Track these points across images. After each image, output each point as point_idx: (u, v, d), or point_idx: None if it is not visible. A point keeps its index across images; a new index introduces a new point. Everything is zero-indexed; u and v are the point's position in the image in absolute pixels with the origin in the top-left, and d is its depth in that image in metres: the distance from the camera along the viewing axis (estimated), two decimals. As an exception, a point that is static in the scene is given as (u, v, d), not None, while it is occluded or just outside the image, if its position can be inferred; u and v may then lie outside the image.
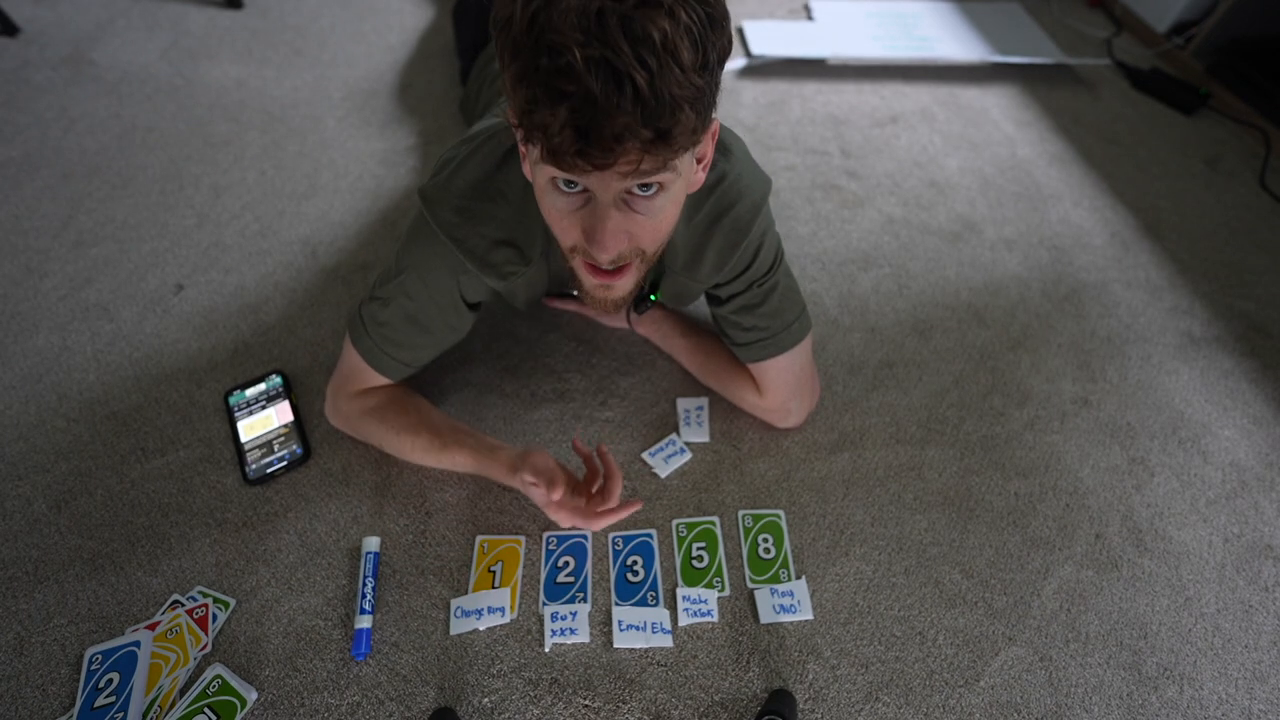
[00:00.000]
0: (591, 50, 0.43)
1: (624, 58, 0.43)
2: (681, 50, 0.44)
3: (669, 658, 0.71)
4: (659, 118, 0.45)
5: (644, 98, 0.44)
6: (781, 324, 0.77)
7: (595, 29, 0.43)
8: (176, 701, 0.66)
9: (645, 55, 0.43)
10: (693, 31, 0.45)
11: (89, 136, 1.24)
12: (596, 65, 0.43)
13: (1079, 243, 1.17)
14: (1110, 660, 0.72)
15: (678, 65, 0.44)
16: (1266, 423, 0.93)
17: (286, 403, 0.87)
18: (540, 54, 0.44)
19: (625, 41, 0.43)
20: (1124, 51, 1.61)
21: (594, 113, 0.44)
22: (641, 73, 0.43)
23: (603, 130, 0.45)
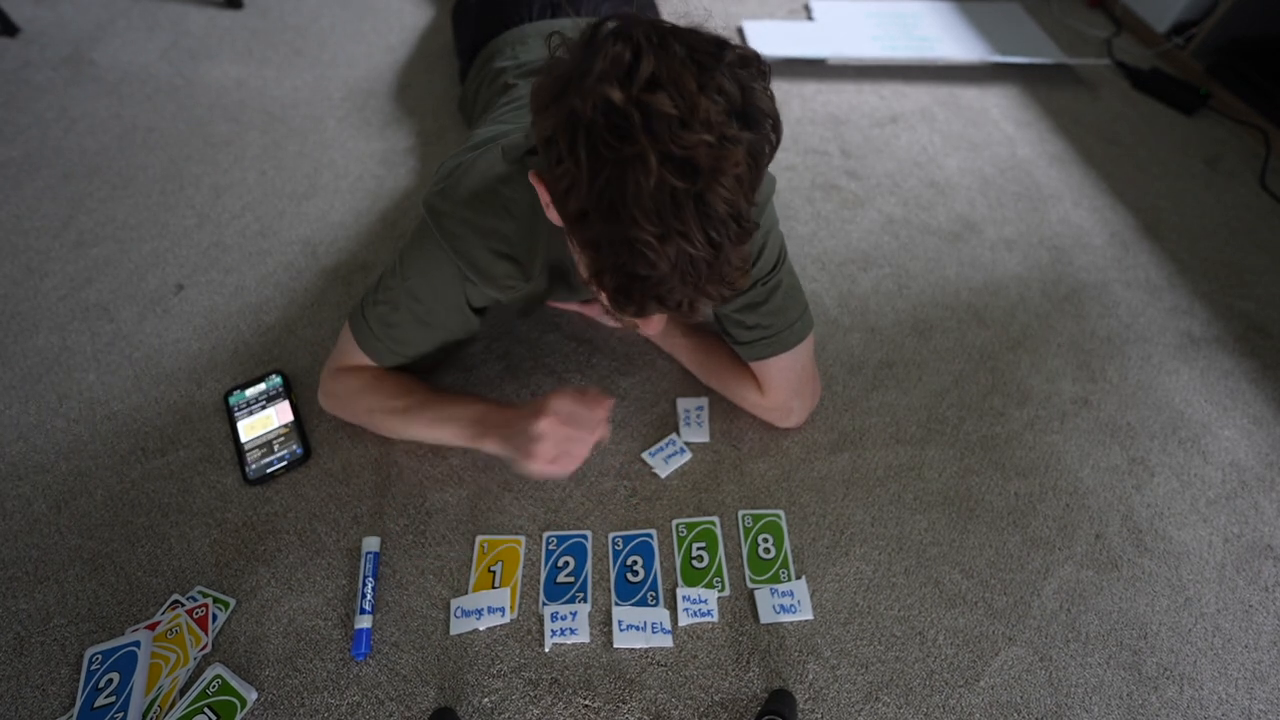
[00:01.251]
0: (670, 245, 0.45)
1: (696, 243, 0.45)
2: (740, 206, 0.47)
3: (669, 658, 0.71)
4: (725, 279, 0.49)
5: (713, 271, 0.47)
6: (784, 322, 0.76)
7: (673, 218, 0.45)
8: (176, 701, 0.66)
9: (711, 232, 0.46)
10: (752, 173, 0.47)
11: (89, 137, 1.24)
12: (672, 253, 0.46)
13: (1079, 243, 1.17)
14: (1110, 660, 0.72)
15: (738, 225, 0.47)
16: (1266, 423, 0.93)
17: (286, 403, 0.87)
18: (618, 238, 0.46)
19: (697, 224, 0.45)
20: (1124, 51, 1.61)
21: (670, 289, 0.48)
22: (707, 250, 0.46)
23: (678, 301, 0.49)
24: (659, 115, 0.43)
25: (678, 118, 0.43)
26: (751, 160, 0.46)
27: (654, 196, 0.44)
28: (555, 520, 0.80)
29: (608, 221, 0.45)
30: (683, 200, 0.44)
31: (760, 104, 0.47)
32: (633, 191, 0.44)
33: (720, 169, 0.44)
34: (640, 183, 0.43)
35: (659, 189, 0.43)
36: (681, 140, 0.43)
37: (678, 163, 0.44)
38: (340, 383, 0.80)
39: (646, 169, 0.43)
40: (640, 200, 0.44)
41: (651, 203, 0.44)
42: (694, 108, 0.43)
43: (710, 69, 0.45)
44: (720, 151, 0.44)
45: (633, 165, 0.43)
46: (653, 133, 0.43)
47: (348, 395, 0.80)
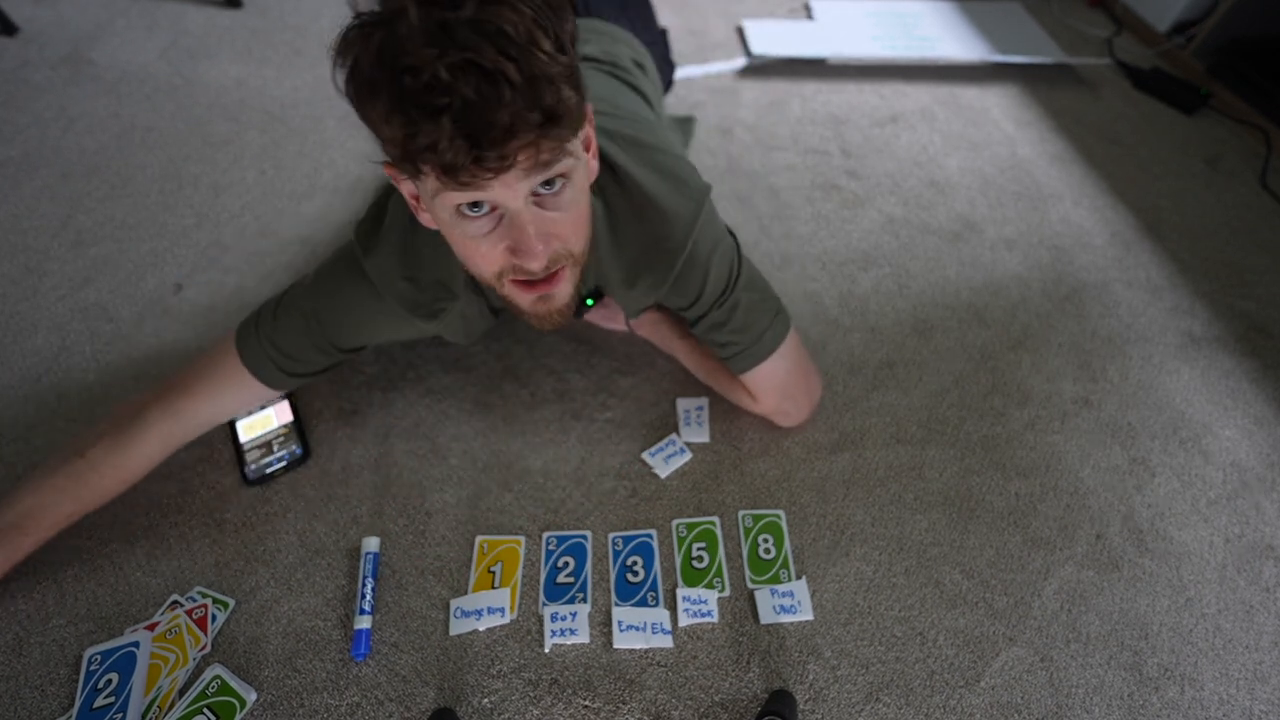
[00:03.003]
0: (452, 57, 0.42)
1: (487, 54, 0.43)
2: (538, 36, 0.44)
3: (669, 658, 0.71)
4: (541, 98, 0.45)
5: (520, 85, 0.44)
6: (753, 336, 0.75)
7: (447, 38, 0.42)
8: (176, 702, 0.65)
9: (506, 47, 0.43)
10: (539, 19, 0.45)
11: (88, 136, 1.23)
12: (462, 70, 0.42)
13: (1080, 242, 1.16)
14: (1111, 661, 0.72)
15: (539, 50, 0.44)
16: (1268, 423, 0.93)
17: (286, 403, 0.87)
18: (401, 77, 0.43)
19: (483, 40, 0.43)
20: (1125, 51, 1.60)
21: (477, 113, 0.43)
22: (509, 63, 0.43)
23: (492, 128, 0.44)
24: None
25: None
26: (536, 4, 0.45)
27: (423, 31, 0.43)
28: (555, 520, 0.80)
29: (393, 77, 0.44)
30: (454, 25, 0.43)
31: None
32: (404, 35, 0.43)
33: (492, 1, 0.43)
34: (410, 24, 0.43)
35: (425, 21, 0.43)
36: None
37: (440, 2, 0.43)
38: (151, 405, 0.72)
39: (408, 16, 0.43)
40: (412, 37, 0.43)
41: (422, 36, 0.43)
42: None
43: None
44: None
45: (398, 19, 0.43)
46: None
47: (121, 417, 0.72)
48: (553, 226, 0.55)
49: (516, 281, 0.59)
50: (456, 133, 0.44)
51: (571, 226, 0.57)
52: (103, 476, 0.71)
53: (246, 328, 0.73)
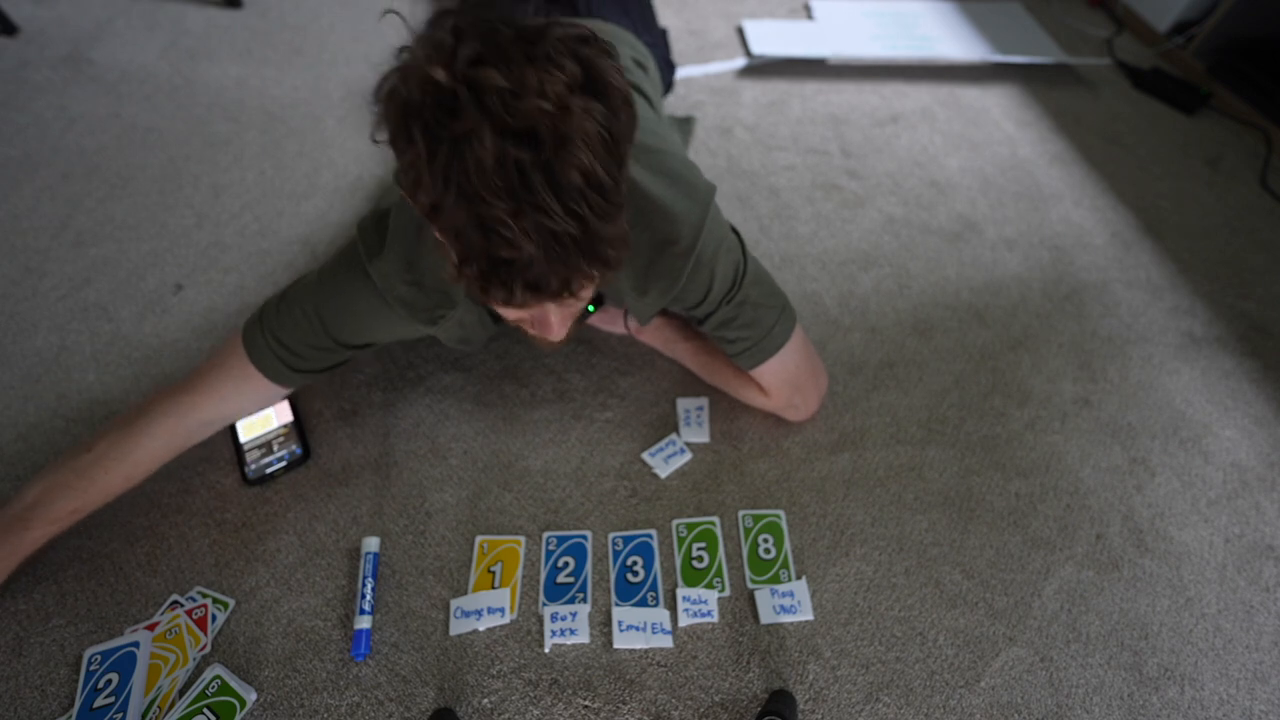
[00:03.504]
0: (526, 219, 0.43)
1: (556, 217, 0.43)
2: (599, 174, 0.44)
3: (669, 658, 0.71)
4: (596, 251, 0.47)
5: (584, 243, 0.45)
6: (761, 332, 0.76)
7: (522, 190, 0.42)
8: (176, 702, 0.65)
9: (573, 204, 0.44)
10: (603, 136, 0.45)
11: (88, 136, 1.23)
12: (534, 230, 0.43)
13: (1080, 242, 1.16)
14: (1111, 661, 0.72)
15: (602, 194, 0.45)
16: (1268, 423, 0.93)
17: (286, 403, 0.87)
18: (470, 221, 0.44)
19: (553, 198, 0.43)
20: (1125, 51, 1.60)
21: (541, 271, 0.46)
22: (574, 224, 0.44)
23: (551, 282, 0.47)
24: (488, 89, 0.41)
25: (509, 89, 0.42)
26: (605, 132, 0.45)
27: (498, 172, 0.42)
28: (555, 520, 0.80)
29: (459, 207, 0.43)
30: (529, 171, 0.42)
31: (607, 78, 0.46)
32: (475, 169, 0.42)
33: (566, 137, 0.42)
34: (480, 159, 0.42)
35: (501, 163, 0.42)
36: (516, 110, 0.41)
37: (516, 134, 0.42)
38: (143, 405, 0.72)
39: (483, 145, 0.41)
40: (484, 176, 0.42)
41: (497, 178, 0.42)
42: (523, 79, 0.42)
43: (539, 43, 0.44)
44: (562, 119, 0.42)
45: (469, 143, 0.42)
46: (483, 107, 0.41)
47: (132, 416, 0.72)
48: (573, 309, 0.58)
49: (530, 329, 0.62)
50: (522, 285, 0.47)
51: (586, 301, 0.59)
52: (107, 472, 0.71)
53: (251, 325, 0.73)
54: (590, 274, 0.48)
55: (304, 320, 0.70)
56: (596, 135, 0.44)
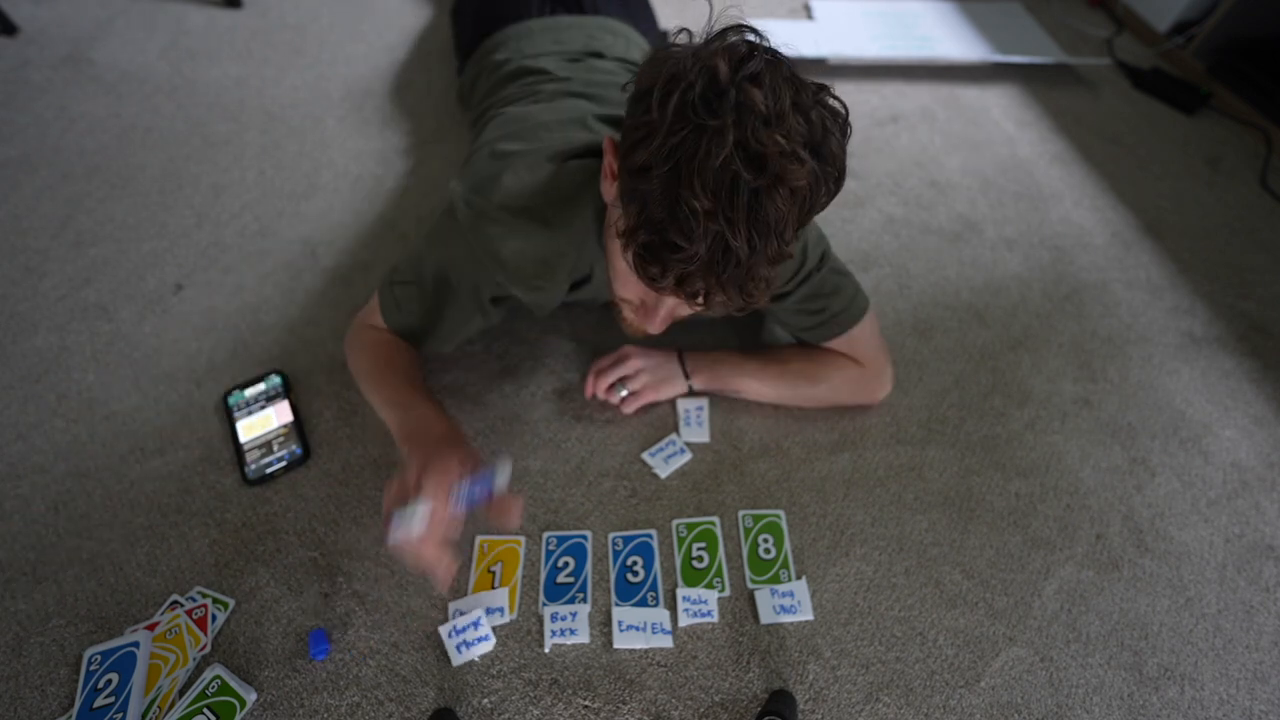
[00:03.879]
0: (715, 221, 0.47)
1: (738, 234, 0.47)
2: (787, 228, 0.49)
3: (669, 658, 0.71)
4: (748, 288, 0.51)
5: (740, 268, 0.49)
6: (847, 298, 0.80)
7: (726, 198, 0.46)
8: (175, 702, 0.65)
9: (754, 235, 0.47)
10: (804, 197, 0.49)
11: (88, 136, 1.23)
12: (714, 235, 0.47)
13: (1080, 242, 1.16)
14: (1111, 660, 0.72)
15: (778, 242, 0.49)
16: (1268, 423, 0.93)
17: (286, 403, 0.87)
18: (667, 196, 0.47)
19: (745, 218, 0.47)
20: (1125, 51, 1.60)
21: (694, 269, 0.49)
22: (745, 248, 0.48)
23: (698, 285, 0.51)
24: (750, 106, 0.46)
25: (764, 115, 0.46)
26: (809, 188, 0.49)
27: (718, 173, 0.46)
28: (555, 520, 0.80)
29: (666, 180, 0.47)
30: (741, 189, 0.46)
31: (834, 149, 0.50)
32: (701, 159, 0.46)
33: (784, 177, 0.47)
34: (711, 154, 0.45)
35: (724, 168, 0.46)
36: (761, 136, 0.46)
37: (751, 154, 0.46)
38: (359, 335, 0.82)
39: (722, 144, 0.45)
40: (705, 171, 0.46)
41: (714, 177, 0.46)
42: (781, 114, 0.47)
43: (805, 96, 0.49)
44: (789, 163, 0.47)
45: (711, 136, 0.46)
46: (739, 117, 0.46)
47: (357, 348, 0.82)
48: (683, 312, 0.61)
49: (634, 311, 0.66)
50: (673, 272, 0.50)
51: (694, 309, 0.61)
52: None
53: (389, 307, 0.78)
54: (730, 298, 0.51)
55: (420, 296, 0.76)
56: (805, 187, 0.48)
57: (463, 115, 1.29)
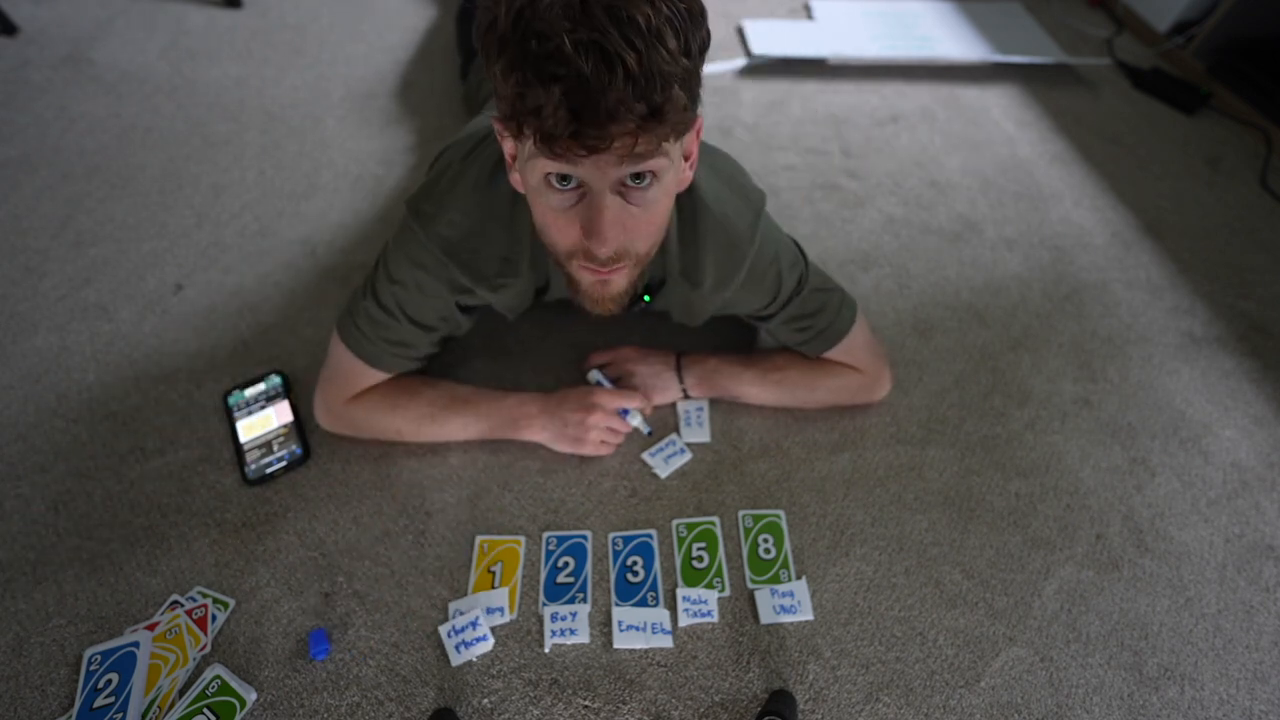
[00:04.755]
0: (580, 34, 0.44)
1: (612, 39, 0.44)
2: (666, 35, 0.46)
3: (669, 658, 0.71)
4: (651, 93, 0.46)
5: (634, 74, 0.45)
6: (833, 313, 0.81)
7: (581, 16, 0.44)
8: (176, 702, 0.65)
9: (632, 37, 0.44)
10: (674, 21, 0.46)
11: (88, 136, 1.23)
12: (586, 47, 0.44)
13: (1080, 243, 1.16)
14: (1111, 660, 0.72)
15: (664, 47, 0.45)
16: (1268, 423, 0.93)
17: (286, 403, 0.87)
18: (528, 40, 0.45)
19: (612, 25, 0.44)
20: (1125, 51, 1.60)
21: (587, 91, 0.45)
22: (630, 52, 0.44)
23: (596, 108, 0.45)
24: None
25: None
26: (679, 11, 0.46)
27: (563, 5, 0.44)
28: (555, 520, 0.80)
29: (522, 37, 0.45)
30: (593, 8, 0.44)
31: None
32: (541, 3, 0.45)
33: None
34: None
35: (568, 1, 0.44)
36: None
37: None
38: (356, 408, 0.80)
39: None
40: (551, 9, 0.44)
41: (560, 9, 0.44)
42: None
43: None
44: None
45: None
46: None
47: (367, 419, 0.81)
48: (629, 220, 0.56)
49: (583, 265, 0.61)
50: (563, 104, 0.45)
51: (645, 226, 0.59)
52: None
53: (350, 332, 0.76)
54: (637, 113, 0.46)
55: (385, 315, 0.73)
56: (666, 10, 0.46)
57: (465, 116, 1.29)
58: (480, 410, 0.82)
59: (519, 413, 0.82)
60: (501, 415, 0.82)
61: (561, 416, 0.81)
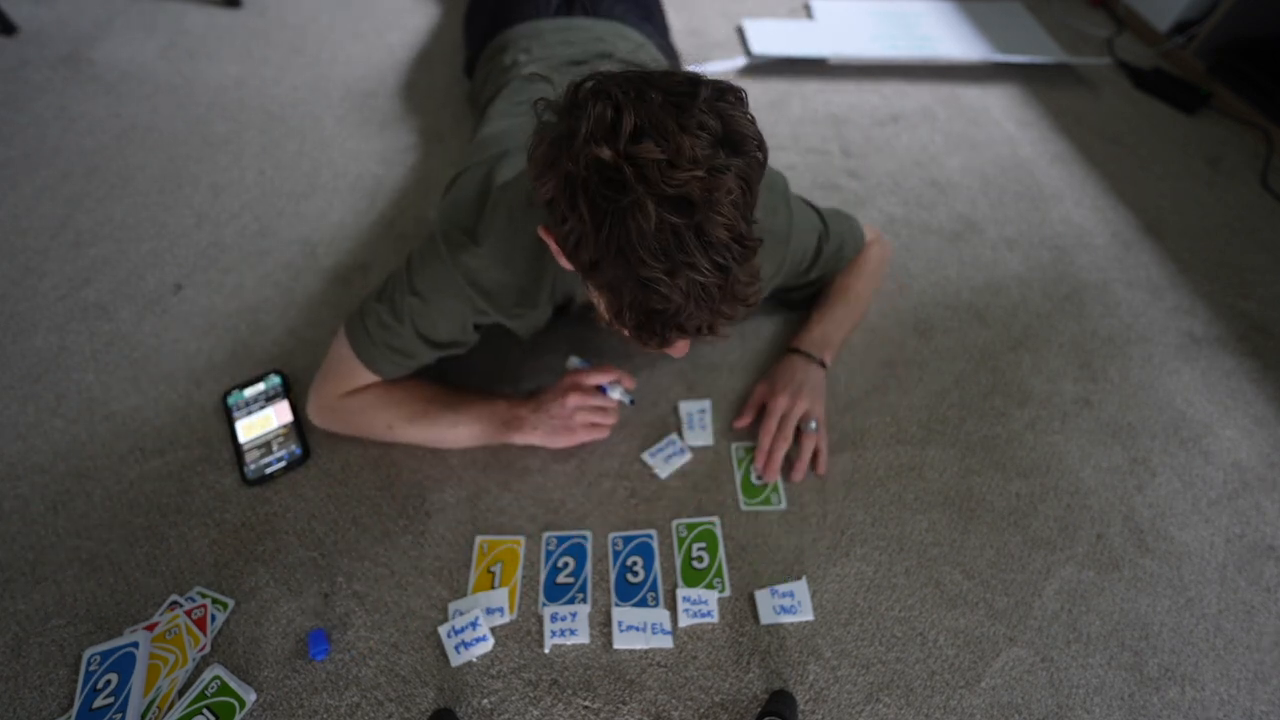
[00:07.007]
0: (680, 280, 0.48)
1: (702, 271, 0.48)
2: (740, 225, 0.49)
3: (669, 659, 0.71)
4: (738, 297, 0.52)
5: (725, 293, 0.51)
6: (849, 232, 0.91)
7: (678, 254, 0.48)
8: (175, 702, 0.65)
9: (717, 257, 0.49)
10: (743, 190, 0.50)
11: (88, 136, 1.23)
12: (683, 285, 0.49)
13: (1080, 242, 1.16)
14: (1112, 661, 0.72)
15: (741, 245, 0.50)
16: (1268, 423, 0.93)
17: (285, 403, 0.87)
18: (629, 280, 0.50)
19: (701, 255, 0.48)
20: (1125, 51, 1.60)
21: (689, 316, 0.51)
22: (717, 275, 0.49)
23: (698, 326, 0.53)
24: (648, 163, 0.46)
25: (665, 160, 0.47)
26: (743, 183, 0.50)
27: (657, 237, 0.47)
28: (555, 521, 0.80)
29: (618, 266, 0.49)
30: (684, 234, 0.47)
31: (743, 129, 0.50)
32: (636, 236, 0.47)
33: (714, 199, 0.47)
34: (642, 227, 0.47)
35: (660, 229, 0.47)
36: (673, 180, 0.46)
37: (673, 201, 0.47)
38: (349, 402, 0.80)
39: (645, 213, 0.47)
40: (645, 242, 0.47)
41: (655, 243, 0.47)
42: (679, 148, 0.47)
43: (688, 108, 0.48)
44: (711, 182, 0.47)
45: (632, 213, 0.47)
46: (645, 180, 0.47)
47: (360, 413, 0.81)
48: None
49: None
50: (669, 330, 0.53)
51: None
52: None
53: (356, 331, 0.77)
54: (731, 315, 0.53)
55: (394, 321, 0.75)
56: (738, 189, 0.49)
57: (466, 114, 1.29)
58: (474, 411, 0.82)
59: (510, 415, 0.82)
60: (495, 418, 0.82)
61: (546, 410, 0.81)
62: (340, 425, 0.83)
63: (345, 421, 0.82)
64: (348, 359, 0.77)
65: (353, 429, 0.83)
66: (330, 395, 0.80)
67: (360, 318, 0.77)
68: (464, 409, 0.82)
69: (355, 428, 0.82)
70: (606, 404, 0.82)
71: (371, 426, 0.82)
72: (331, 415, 0.82)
